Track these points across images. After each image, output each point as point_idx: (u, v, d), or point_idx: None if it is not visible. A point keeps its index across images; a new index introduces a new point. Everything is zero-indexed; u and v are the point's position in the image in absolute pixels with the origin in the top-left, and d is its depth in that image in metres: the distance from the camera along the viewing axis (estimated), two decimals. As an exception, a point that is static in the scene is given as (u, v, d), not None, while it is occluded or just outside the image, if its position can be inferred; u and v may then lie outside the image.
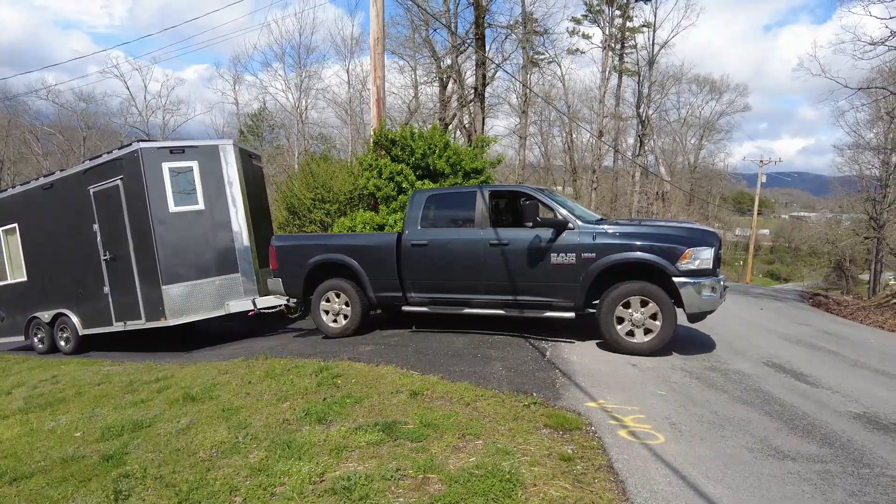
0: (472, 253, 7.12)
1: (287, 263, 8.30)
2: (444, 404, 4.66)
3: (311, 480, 3.46)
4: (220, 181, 9.69)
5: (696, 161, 50.59)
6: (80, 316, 10.44)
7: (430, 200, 7.69)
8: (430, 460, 3.57)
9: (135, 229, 9.31)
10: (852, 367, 6.75)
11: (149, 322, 9.37)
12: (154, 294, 9.20)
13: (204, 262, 9.45)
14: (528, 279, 6.82)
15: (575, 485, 3.23)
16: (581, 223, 6.64)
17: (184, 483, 3.68)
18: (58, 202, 10.38)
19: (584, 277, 6.46)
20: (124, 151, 9.36)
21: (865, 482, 3.41)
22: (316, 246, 8.23)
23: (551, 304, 6.76)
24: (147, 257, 9.20)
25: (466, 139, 25.38)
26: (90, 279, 10.05)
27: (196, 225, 9.46)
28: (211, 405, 5.36)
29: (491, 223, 7.20)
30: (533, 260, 6.75)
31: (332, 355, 6.65)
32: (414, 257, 7.44)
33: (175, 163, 9.33)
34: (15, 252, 11.27)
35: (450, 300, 7.41)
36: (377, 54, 12.09)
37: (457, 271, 7.25)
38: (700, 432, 4.13)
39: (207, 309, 9.39)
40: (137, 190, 9.15)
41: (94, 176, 9.76)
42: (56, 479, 4.13)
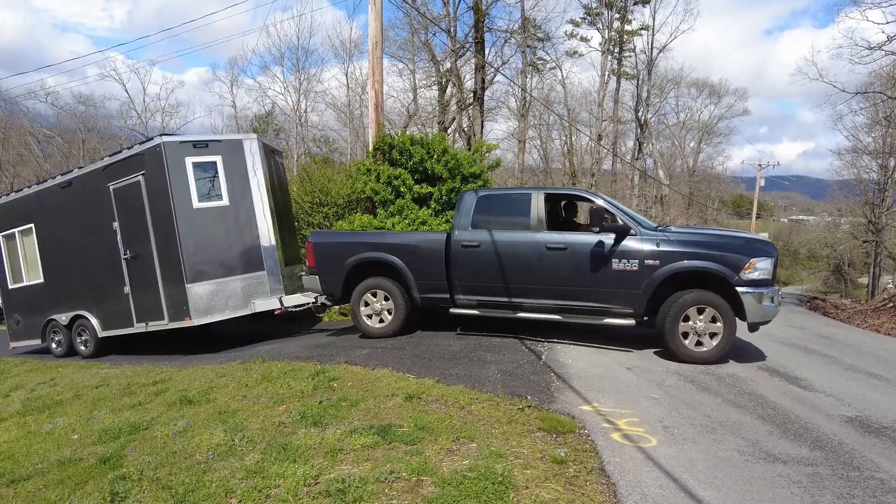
0: (527, 256, 6.97)
1: (326, 261, 8.06)
2: (439, 407, 4.70)
3: (306, 483, 3.49)
4: (245, 176, 9.44)
5: (695, 164, 50.69)
6: (99, 317, 10.13)
7: (481, 201, 7.50)
8: (424, 463, 3.60)
9: (157, 226, 9.02)
10: (846, 370, 6.80)
11: (172, 322, 9.08)
12: (178, 293, 8.91)
13: (229, 259, 9.17)
14: (586, 284, 6.71)
15: (567, 487, 3.26)
16: (643, 229, 6.62)
17: (180, 485, 3.70)
18: (76, 200, 10.10)
19: (647, 285, 6.41)
20: (146, 146, 9.07)
21: (854, 485, 3.45)
22: (358, 243, 8.02)
23: (610, 311, 6.67)
24: (170, 255, 8.91)
25: (465, 143, 25.43)
26: (110, 279, 9.76)
27: (220, 221, 9.18)
28: (208, 408, 5.39)
29: (547, 226, 7.12)
30: (593, 265, 6.66)
31: (329, 358, 6.68)
32: (464, 258, 7.29)
33: (198, 157, 9.04)
34: (31, 253, 11.00)
35: (502, 303, 7.23)
36: (376, 58, 12.16)
37: (511, 274, 7.08)
38: (692, 435, 4.16)
39: (233, 308, 9.11)
40: (160, 186, 8.86)
41: (113, 172, 9.46)
42: (53, 481, 4.15)
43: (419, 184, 11.85)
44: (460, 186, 12.06)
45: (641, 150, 39.42)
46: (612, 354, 6.72)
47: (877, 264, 32.78)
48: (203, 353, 9.24)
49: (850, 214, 39.42)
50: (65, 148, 49.63)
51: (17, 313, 11.59)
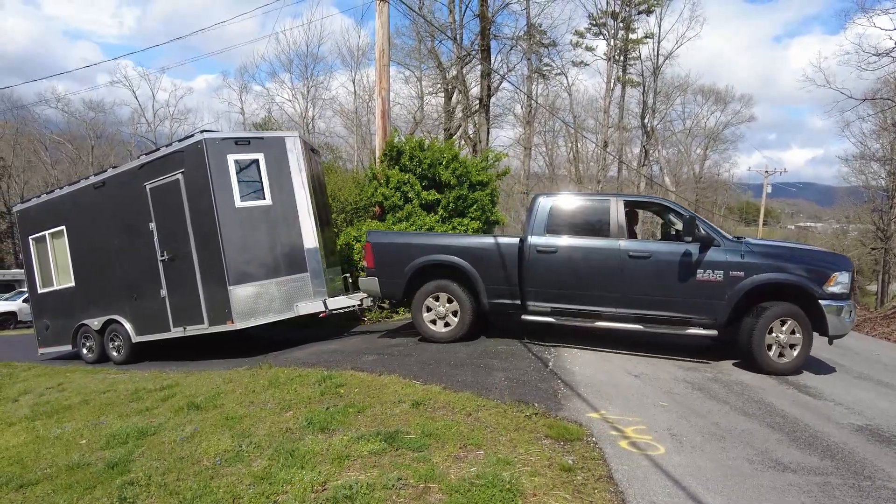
0: (608, 263, 6.87)
1: (387, 262, 7.81)
2: (446, 414, 4.69)
3: (313, 489, 3.49)
4: (287, 175, 9.13)
5: (701, 171, 50.60)
6: (133, 322, 9.73)
7: (556, 206, 7.34)
8: (432, 470, 3.59)
9: (197, 226, 8.70)
10: (856, 378, 6.75)
11: (212, 326, 8.73)
12: (219, 296, 8.56)
13: (272, 261, 8.86)
14: (669, 294, 6.66)
15: (575, 495, 3.25)
16: (725, 240, 6.62)
17: (187, 491, 3.71)
18: (110, 201, 9.76)
19: (731, 295, 6.41)
20: (186, 143, 8.74)
21: (866, 495, 3.42)
22: (424, 245, 7.78)
23: (692, 321, 6.64)
24: (211, 256, 8.58)
25: (471, 149, 25.47)
26: (145, 282, 9.41)
27: (263, 221, 8.87)
28: (215, 413, 5.40)
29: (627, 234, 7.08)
30: (678, 275, 6.61)
31: (336, 364, 6.69)
32: (539, 264, 7.12)
33: (240, 155, 8.75)
34: (62, 256, 10.64)
35: (578, 311, 7.06)
36: (382, 66, 12.23)
37: (590, 281, 6.95)
38: (701, 444, 4.14)
39: (276, 311, 8.78)
40: (201, 184, 8.54)
41: (150, 171, 9.12)
42: (61, 485, 4.17)
43: (427, 190, 11.89)
44: (467, 194, 12.09)
45: (647, 157, 39.39)
46: (619, 362, 6.70)
47: (886, 271, 32.57)
48: (213, 359, 9.25)
49: (858, 221, 39.24)
50: (74, 154, 50.07)
51: (46, 318, 11.24)
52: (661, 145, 44.44)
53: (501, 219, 13.56)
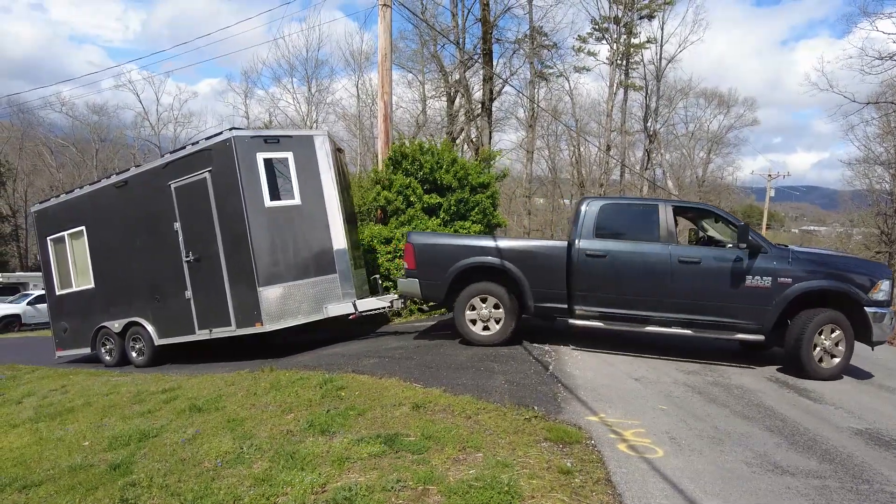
0: (658, 268, 6.88)
1: (429, 263, 7.64)
2: (446, 417, 4.71)
3: (313, 491, 3.51)
4: (316, 174, 8.96)
5: (705, 175, 50.52)
6: (155, 324, 9.54)
7: (604, 210, 7.32)
8: (431, 472, 3.61)
9: (225, 226, 8.50)
10: (858, 382, 6.74)
11: (240, 328, 8.55)
12: (248, 297, 8.39)
13: (301, 261, 8.72)
14: (718, 299, 6.72)
15: (573, 497, 3.26)
16: (771, 247, 6.75)
17: (189, 492, 3.74)
18: (132, 201, 9.55)
19: (778, 302, 6.53)
20: (214, 141, 8.53)
21: (864, 497, 3.43)
22: (469, 247, 7.63)
23: (738, 326, 6.72)
24: (240, 257, 8.39)
25: (474, 153, 25.53)
26: (169, 283, 9.23)
27: (292, 221, 8.71)
28: (217, 416, 5.43)
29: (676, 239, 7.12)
30: (727, 280, 6.69)
31: (337, 367, 6.72)
32: (589, 268, 7.07)
33: (270, 153, 8.57)
34: (81, 257, 10.44)
35: (628, 316, 7.04)
36: (385, 70, 12.29)
37: (640, 286, 6.95)
38: (699, 447, 4.15)
39: (306, 313, 8.63)
40: (229, 183, 8.36)
41: (175, 170, 8.93)
42: (64, 487, 4.20)
43: (428, 193, 11.94)
44: (469, 197, 12.13)
45: (650, 161, 39.37)
46: (620, 365, 6.71)
47: (890, 275, 32.39)
48: (215, 362, 9.29)
49: (862, 225, 39.13)
50: (78, 158, 50.33)
51: (64, 320, 11.02)
52: (663, 149, 44.43)
53: (503, 222, 13.60)
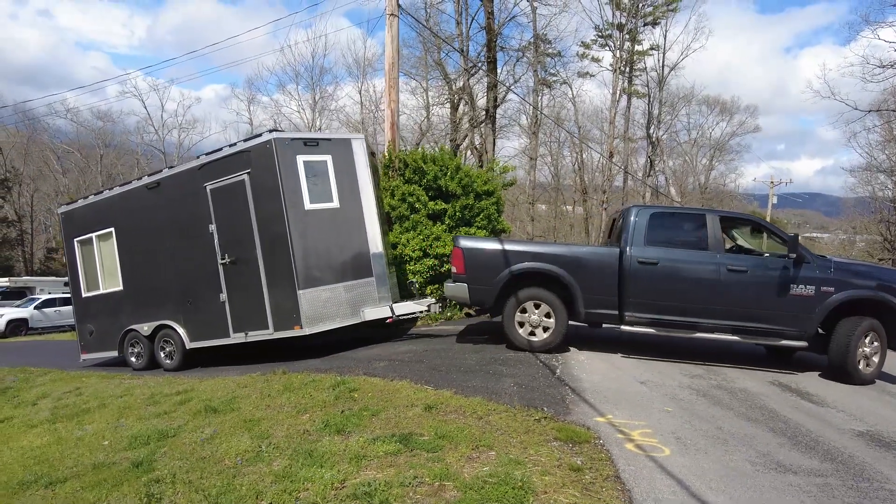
0: (708, 276, 7.09)
1: (478, 268, 7.62)
2: (458, 417, 4.85)
3: (333, 486, 3.65)
4: (353, 177, 9.01)
5: (707, 181, 50.66)
6: (187, 328, 9.39)
7: (654, 218, 7.46)
8: (446, 469, 3.75)
9: (264, 229, 8.43)
10: (859, 386, 6.86)
11: (278, 332, 8.46)
12: (287, 300, 8.31)
13: (339, 265, 8.70)
14: (764, 307, 6.97)
15: (584, 493, 3.40)
16: (813, 257, 7.04)
17: (212, 488, 3.88)
18: (165, 202, 9.46)
19: (821, 310, 6.82)
20: (253, 143, 8.49)
21: (864, 495, 3.56)
22: (520, 252, 7.63)
23: (783, 333, 6.96)
24: (279, 260, 8.34)
25: (477, 160, 25.71)
26: (203, 286, 9.11)
27: (331, 224, 8.70)
28: (233, 416, 5.57)
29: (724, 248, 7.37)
30: (773, 289, 6.95)
31: (348, 370, 6.86)
32: (640, 275, 7.19)
33: (309, 156, 8.55)
34: (109, 259, 10.35)
35: (678, 323, 7.18)
36: (392, 79, 12.48)
37: (690, 293, 7.11)
38: (705, 446, 4.28)
39: (343, 317, 8.59)
40: (269, 185, 8.30)
41: (211, 171, 8.85)
42: (89, 483, 4.35)
43: (433, 200, 12.08)
44: (473, 203, 12.28)
45: (653, 167, 39.54)
46: (626, 369, 6.84)
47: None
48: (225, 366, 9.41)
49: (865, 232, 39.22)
50: (82, 163, 50.67)
51: (90, 323, 10.84)
52: (666, 156, 44.64)
53: (507, 228, 13.75)
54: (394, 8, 12.31)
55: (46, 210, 51.98)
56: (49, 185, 51.71)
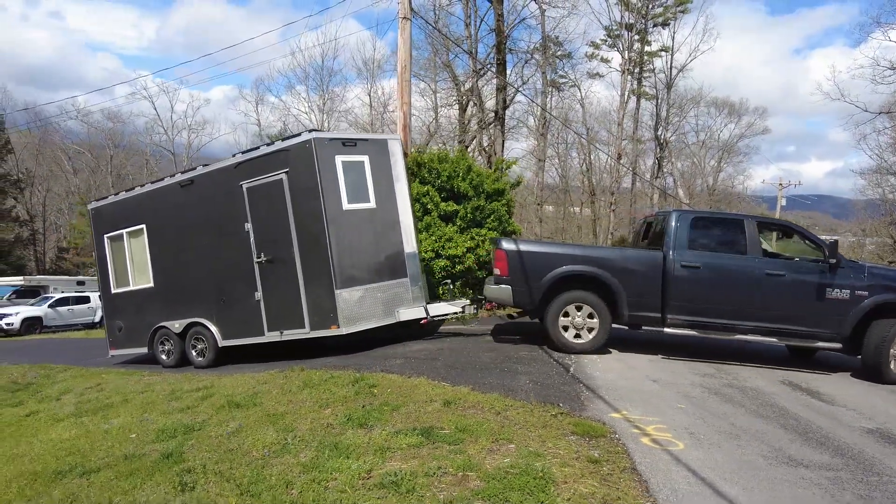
0: (748, 280, 7.30)
1: (523, 270, 7.70)
2: (476, 412, 4.99)
3: (360, 476, 3.80)
4: (389, 178, 9.11)
5: (715, 183, 50.59)
6: (220, 325, 9.37)
7: (695, 222, 7.65)
8: (468, 460, 3.90)
9: (302, 228, 8.45)
10: (869, 386, 6.97)
11: (314, 331, 8.48)
12: (325, 300, 8.33)
13: (376, 265, 8.79)
14: (800, 310, 7.20)
15: (602, 483, 3.54)
16: (847, 262, 7.30)
17: (242, 477, 4.04)
18: (198, 200, 9.48)
19: (854, 313, 7.05)
20: (292, 142, 8.51)
21: (874, 488, 3.68)
22: (565, 255, 7.81)
23: (818, 335, 7.20)
24: (317, 259, 8.34)
25: (486, 161, 25.87)
26: (237, 284, 9.12)
27: (368, 225, 8.80)
28: (256, 411, 5.73)
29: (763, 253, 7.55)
30: (809, 292, 7.19)
31: (366, 367, 7.01)
32: (683, 278, 7.36)
33: (347, 156, 8.62)
34: (139, 256, 10.37)
35: (718, 325, 7.37)
36: (404, 81, 12.63)
37: (730, 296, 7.32)
38: (718, 441, 4.41)
39: (378, 317, 8.66)
40: (308, 184, 8.32)
41: (248, 170, 8.87)
42: (122, 472, 4.51)
43: (445, 202, 12.24)
44: (485, 204, 12.44)
45: (661, 169, 39.58)
46: (639, 367, 6.97)
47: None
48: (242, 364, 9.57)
49: (874, 234, 39.04)
50: (93, 163, 51.19)
51: (119, 319, 10.88)
52: (674, 157, 44.64)
53: (517, 229, 13.89)
54: (407, 11, 12.47)
55: (58, 210, 52.62)
56: (60, 185, 52.31)
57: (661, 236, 7.75)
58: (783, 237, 8.07)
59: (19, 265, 39.90)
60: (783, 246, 8.09)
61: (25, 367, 11.41)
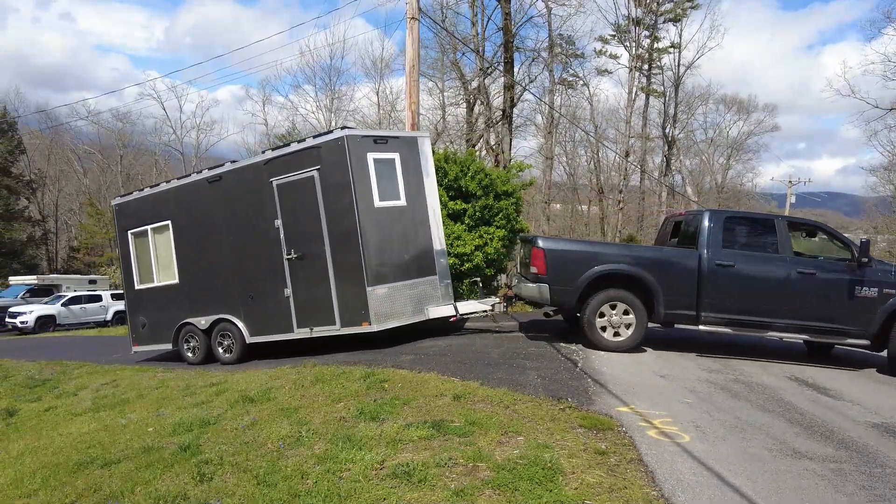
0: (780, 278, 7.47)
1: (560, 269, 7.70)
2: (486, 406, 5.09)
3: (373, 467, 3.91)
4: (419, 176, 9.16)
5: (724, 181, 50.40)
6: (247, 322, 9.37)
7: (729, 222, 7.81)
8: (478, 452, 4.00)
9: (333, 225, 8.43)
10: (876, 383, 7.02)
11: (345, 328, 8.48)
12: (356, 297, 8.32)
13: (406, 262, 8.82)
14: (830, 308, 7.39)
15: (609, 473, 3.63)
16: (876, 262, 7.50)
17: (259, 468, 4.16)
18: (226, 196, 9.47)
19: (883, 310, 7.25)
20: (324, 139, 8.47)
21: (876, 479, 3.75)
22: (603, 254, 7.87)
23: (848, 332, 7.39)
24: (349, 256, 8.32)
25: (493, 160, 25.92)
26: (266, 281, 9.10)
27: (398, 222, 8.82)
28: (270, 405, 5.86)
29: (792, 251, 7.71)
30: (839, 291, 7.38)
31: (376, 363, 7.13)
32: (718, 277, 7.46)
33: (379, 154, 8.63)
34: (165, 252, 10.34)
35: (751, 322, 7.52)
36: (412, 81, 12.74)
37: (763, 294, 7.49)
38: (723, 434, 4.49)
39: (408, 314, 8.69)
40: (340, 182, 8.29)
41: (279, 166, 8.85)
42: (142, 464, 4.65)
43: (453, 200, 12.34)
44: (493, 203, 12.52)
45: (669, 167, 39.47)
46: (646, 363, 7.05)
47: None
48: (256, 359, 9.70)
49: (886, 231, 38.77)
50: (103, 163, 51.69)
51: (143, 316, 10.84)
52: (682, 155, 44.50)
53: (525, 227, 13.97)
54: (415, 11, 12.57)
55: (69, 210, 53.15)
56: (71, 185, 52.85)
57: (693, 235, 7.89)
58: (805, 236, 8.12)
59: (32, 264, 40.39)
60: (806, 245, 8.15)
61: (42, 364, 11.64)
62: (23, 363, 12.23)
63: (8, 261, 37.33)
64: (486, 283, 12.75)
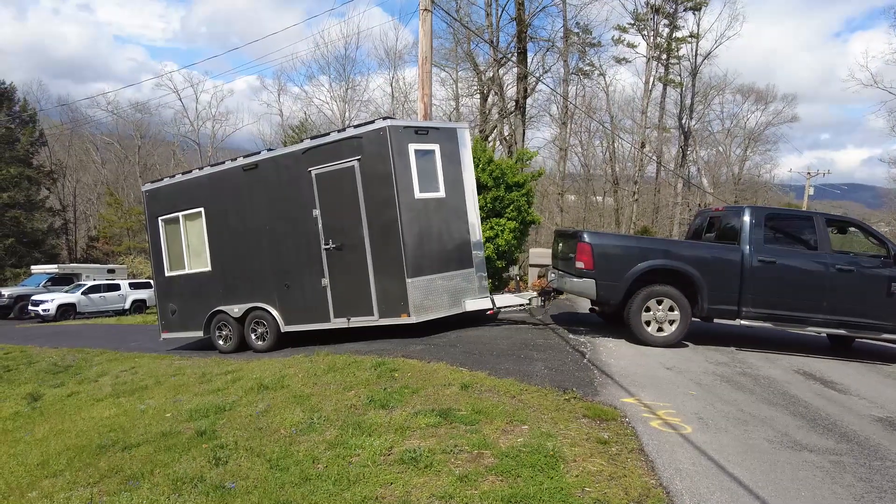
0: (819, 274, 7.63)
1: (608, 264, 7.69)
2: (492, 396, 5.21)
3: (382, 453, 4.05)
4: (458, 167, 9.15)
5: (741, 172, 49.82)
6: (282, 311, 9.39)
7: (768, 219, 7.91)
8: (483, 439, 4.12)
9: (373, 216, 8.42)
10: (885, 377, 7.01)
11: (384, 319, 8.48)
12: (395, 288, 8.32)
13: (444, 254, 8.81)
14: (867, 304, 7.56)
15: (610, 462, 3.73)
16: None
17: (272, 453, 4.32)
18: (263, 185, 9.42)
19: None
20: (365, 129, 8.42)
21: (875, 471, 3.81)
22: (653, 250, 7.87)
23: (885, 328, 7.58)
24: (388, 247, 8.33)
25: (507, 150, 25.93)
26: (303, 270, 9.10)
27: (437, 214, 8.80)
28: (283, 393, 6.03)
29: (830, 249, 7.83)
30: (876, 286, 7.57)
31: (387, 353, 7.28)
32: (760, 273, 7.58)
33: (420, 145, 8.58)
34: (196, 240, 10.30)
35: (791, 317, 7.67)
36: (425, 73, 12.79)
37: (803, 290, 7.63)
38: (725, 426, 4.57)
39: (446, 307, 8.69)
40: (381, 172, 8.27)
41: (317, 156, 8.80)
42: (161, 448, 4.84)
43: (466, 191, 12.40)
44: (504, 195, 12.59)
45: (685, 158, 39.10)
46: (653, 355, 7.11)
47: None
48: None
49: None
50: (121, 154, 52.39)
51: (173, 303, 10.80)
52: (698, 146, 44.05)
53: (537, 219, 14.01)
54: (427, 3, 12.59)
55: (87, 200, 53.97)
56: (89, 175, 53.63)
57: (732, 231, 7.97)
58: (837, 232, 8.17)
59: (52, 254, 41.11)
60: (840, 241, 8.20)
61: (64, 351, 11.99)
62: (46, 350, 12.60)
63: (29, 250, 38.04)
64: (496, 275, 12.83)
